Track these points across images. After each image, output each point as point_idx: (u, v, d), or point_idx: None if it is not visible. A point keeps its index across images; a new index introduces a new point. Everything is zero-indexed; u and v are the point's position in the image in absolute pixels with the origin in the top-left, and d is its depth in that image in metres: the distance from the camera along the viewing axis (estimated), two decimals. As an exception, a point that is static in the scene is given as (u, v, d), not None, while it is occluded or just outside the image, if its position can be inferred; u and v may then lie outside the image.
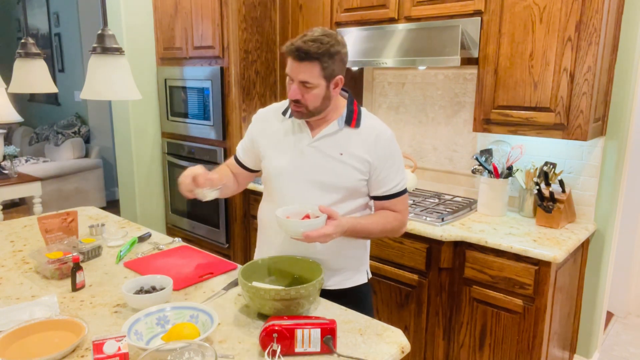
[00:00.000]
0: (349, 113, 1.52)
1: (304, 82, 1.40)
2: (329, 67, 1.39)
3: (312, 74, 1.39)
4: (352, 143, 1.50)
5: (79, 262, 1.58)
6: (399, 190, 1.54)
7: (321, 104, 1.45)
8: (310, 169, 1.51)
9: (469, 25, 2.32)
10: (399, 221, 1.55)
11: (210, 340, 1.26)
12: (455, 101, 2.76)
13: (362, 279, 1.65)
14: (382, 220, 1.53)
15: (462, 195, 2.77)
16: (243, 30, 3.06)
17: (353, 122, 1.51)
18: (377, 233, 1.53)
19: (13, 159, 4.05)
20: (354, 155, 1.49)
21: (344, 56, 1.43)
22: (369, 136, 1.50)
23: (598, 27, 1.99)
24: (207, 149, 3.31)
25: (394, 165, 1.52)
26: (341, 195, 1.50)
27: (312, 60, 1.37)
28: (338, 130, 1.50)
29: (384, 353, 1.22)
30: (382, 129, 1.52)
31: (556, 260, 1.97)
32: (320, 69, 1.38)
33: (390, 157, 1.51)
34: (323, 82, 1.41)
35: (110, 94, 1.56)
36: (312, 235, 1.32)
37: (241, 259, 3.24)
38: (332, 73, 1.41)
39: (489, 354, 2.22)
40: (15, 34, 7.01)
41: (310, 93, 1.42)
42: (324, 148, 1.50)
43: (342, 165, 1.49)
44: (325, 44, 1.36)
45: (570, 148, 2.41)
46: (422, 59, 2.32)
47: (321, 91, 1.42)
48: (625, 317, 3.28)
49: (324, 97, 1.44)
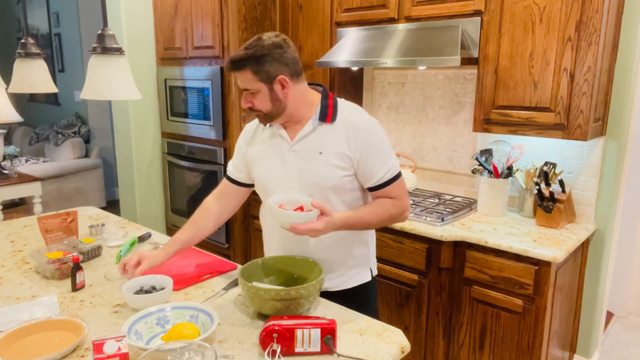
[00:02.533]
0: (323, 109, 1.49)
1: (244, 89, 1.44)
2: (260, 70, 1.40)
3: (247, 80, 1.42)
4: (330, 140, 1.47)
5: (79, 262, 1.58)
6: (390, 178, 1.49)
7: (274, 106, 1.45)
8: (294, 173, 1.50)
9: (469, 25, 2.32)
10: (398, 207, 1.52)
11: (210, 340, 1.26)
12: (455, 101, 2.76)
13: (366, 277, 1.64)
14: (379, 209, 1.50)
15: (462, 195, 2.77)
16: (243, 30, 3.06)
17: (328, 118, 1.48)
18: (375, 223, 1.50)
19: (13, 159, 4.05)
20: (333, 152, 1.46)
21: (278, 56, 1.41)
22: (345, 130, 1.47)
23: (598, 27, 1.99)
24: (207, 149, 3.31)
25: (378, 154, 1.47)
26: (326, 195, 1.48)
27: (242, 69, 1.41)
28: (313, 128, 1.48)
29: (384, 353, 1.22)
30: (358, 120, 1.48)
31: (556, 260, 1.97)
32: (252, 74, 1.40)
33: (372, 147, 1.47)
34: (262, 86, 1.42)
35: (110, 94, 1.56)
36: (300, 228, 1.32)
37: (241, 259, 3.24)
38: (269, 75, 1.41)
39: (489, 354, 2.23)
40: (15, 34, 7.01)
41: (256, 99, 1.44)
42: (303, 150, 1.49)
43: (322, 164, 1.47)
44: (250, 50, 1.39)
45: (570, 148, 2.41)
46: (422, 59, 2.32)
47: (265, 95, 1.43)
48: (625, 317, 3.28)
49: (272, 99, 1.44)
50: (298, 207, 1.40)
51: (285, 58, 1.42)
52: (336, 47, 2.74)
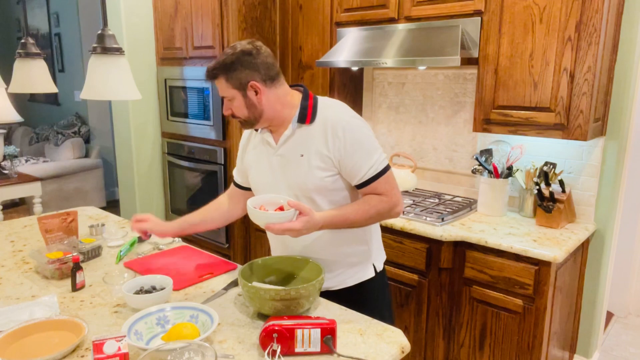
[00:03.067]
0: (302, 110, 1.49)
1: (223, 97, 1.48)
2: (232, 78, 1.43)
3: (222, 88, 1.46)
4: (310, 141, 1.47)
5: (79, 262, 1.58)
6: (374, 174, 1.46)
7: (250, 112, 1.47)
8: (280, 177, 1.52)
9: (469, 25, 2.32)
10: (386, 202, 1.48)
11: (210, 340, 1.26)
12: (455, 101, 2.76)
13: (368, 274, 1.63)
14: (365, 206, 1.47)
15: (462, 195, 2.77)
16: (243, 30, 3.06)
17: (307, 119, 1.48)
18: (362, 220, 1.48)
19: (13, 159, 4.05)
20: (314, 154, 1.46)
21: (247, 63, 1.42)
22: (324, 130, 1.46)
23: (598, 27, 1.99)
24: (207, 149, 3.31)
25: (359, 151, 1.44)
26: (312, 197, 1.48)
27: (215, 78, 1.46)
28: (293, 131, 1.49)
29: (384, 353, 1.22)
30: (336, 119, 1.46)
31: (556, 260, 1.97)
32: (225, 81, 1.44)
33: (352, 144, 1.44)
34: (236, 92, 1.45)
35: (110, 94, 1.56)
36: (275, 228, 1.32)
37: (241, 259, 3.24)
38: (241, 82, 1.43)
39: (489, 354, 2.23)
40: (15, 34, 7.01)
41: (233, 105, 1.47)
42: (286, 153, 1.50)
43: (303, 166, 1.47)
44: (220, 60, 1.44)
45: (570, 148, 2.41)
46: (422, 59, 2.32)
47: (240, 101, 1.46)
48: (625, 317, 3.28)
49: (247, 105, 1.46)
50: (278, 207, 1.41)
51: (256, 64, 1.44)
52: (336, 47, 2.74)
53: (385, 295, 1.72)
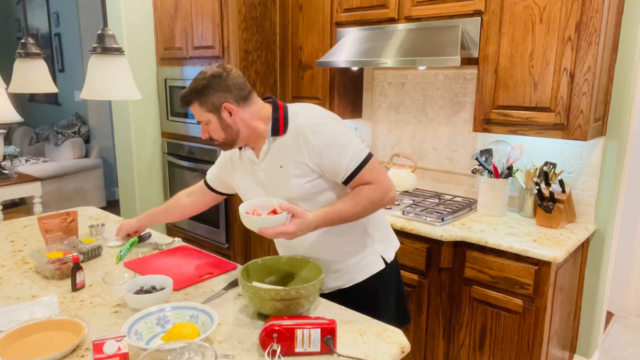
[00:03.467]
0: (274, 122, 1.50)
1: (199, 121, 1.51)
2: (205, 102, 1.46)
3: (197, 113, 1.49)
4: (285, 151, 1.49)
5: (79, 262, 1.58)
6: (356, 166, 1.45)
7: (226, 133, 1.50)
8: (268, 191, 1.54)
9: (469, 25, 2.32)
10: (377, 190, 1.46)
11: (210, 340, 1.26)
12: (455, 101, 2.76)
13: (378, 267, 1.61)
14: (356, 197, 1.46)
15: (462, 195, 2.77)
16: (243, 30, 3.06)
17: (280, 130, 1.49)
18: (357, 212, 1.47)
19: (13, 159, 4.05)
20: (291, 163, 1.48)
21: (217, 85, 1.45)
22: (295, 138, 1.47)
23: (598, 27, 1.99)
24: (207, 149, 3.31)
25: (333, 148, 1.44)
26: (299, 205, 1.48)
27: (189, 104, 1.49)
28: (270, 144, 1.51)
29: (384, 353, 1.22)
30: (304, 124, 1.46)
31: (556, 260, 1.97)
32: (199, 106, 1.47)
33: (325, 144, 1.44)
34: (211, 115, 1.48)
35: (110, 94, 1.56)
36: (268, 232, 1.34)
37: (241, 259, 3.24)
38: (214, 105, 1.46)
39: (489, 354, 2.23)
40: (15, 34, 7.01)
41: (210, 128, 1.50)
42: (268, 167, 1.52)
43: (284, 177, 1.49)
44: (192, 86, 1.46)
45: (570, 148, 2.41)
46: (422, 59, 2.32)
47: (216, 124, 1.49)
48: (625, 317, 3.28)
49: (223, 127, 1.49)
50: (271, 210, 1.41)
51: (227, 86, 1.46)
52: (336, 47, 2.74)
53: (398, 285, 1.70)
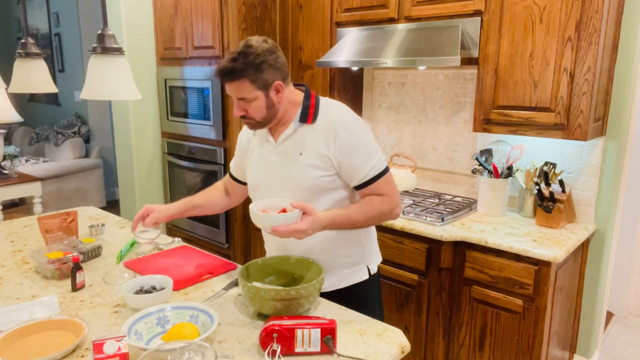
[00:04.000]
0: (304, 109, 1.48)
1: (240, 98, 1.42)
2: (258, 78, 1.38)
3: (244, 90, 1.39)
4: (310, 140, 1.47)
5: (79, 262, 1.58)
6: (375, 174, 1.46)
7: (268, 112, 1.45)
8: (278, 175, 1.51)
9: (469, 25, 2.32)
10: (387, 204, 1.48)
11: (210, 340, 1.26)
12: (455, 101, 2.76)
13: (362, 276, 1.62)
14: (366, 206, 1.46)
15: (462, 195, 2.77)
16: (243, 30, 3.06)
17: (309, 118, 1.47)
18: (364, 221, 1.47)
19: (13, 159, 4.05)
20: (313, 153, 1.46)
21: (273, 62, 1.40)
22: (325, 130, 1.46)
23: (598, 27, 1.99)
24: (207, 149, 3.31)
25: (360, 151, 1.44)
26: (306, 196, 1.47)
27: (239, 78, 1.38)
28: (295, 130, 1.48)
29: (384, 353, 1.22)
30: (338, 120, 1.46)
31: (556, 260, 1.97)
32: (249, 82, 1.38)
33: (353, 145, 1.44)
34: (260, 93, 1.40)
35: (110, 94, 1.56)
36: (281, 230, 1.30)
37: (241, 259, 3.24)
38: (266, 83, 1.40)
39: (489, 354, 2.23)
40: (15, 34, 7.01)
41: (251, 106, 1.42)
42: (286, 151, 1.50)
43: (301, 165, 1.47)
44: (248, 58, 1.36)
45: (570, 148, 2.41)
46: (422, 59, 2.32)
47: (262, 102, 1.42)
48: (625, 317, 3.28)
49: (267, 106, 1.43)
50: (281, 210, 1.39)
51: (279, 63, 1.42)
52: (336, 47, 2.74)
53: (378, 298, 1.71)
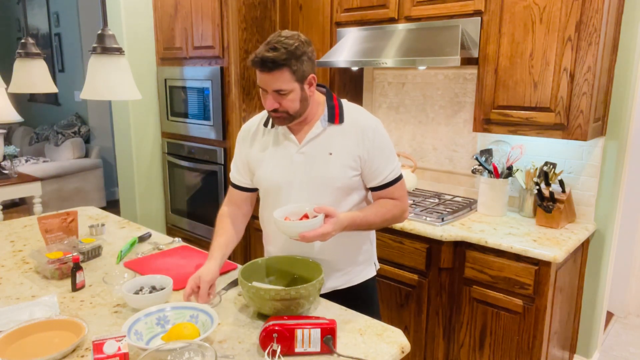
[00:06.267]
0: (330, 110, 1.49)
1: (277, 90, 1.38)
2: (298, 69, 1.36)
3: (283, 80, 1.36)
4: (340, 140, 1.48)
5: (79, 262, 1.58)
6: (393, 178, 1.51)
7: (300, 106, 1.43)
8: (303, 175, 1.49)
9: (469, 25, 2.32)
10: (399, 208, 1.53)
11: (210, 340, 1.26)
12: (455, 101, 2.76)
13: (371, 273, 1.66)
14: (382, 209, 1.51)
15: (462, 195, 2.77)
16: (243, 30, 3.06)
17: (336, 119, 1.49)
18: (379, 223, 1.51)
19: (13, 159, 4.05)
20: (344, 153, 1.47)
21: (310, 54, 1.40)
22: (355, 131, 1.48)
23: (598, 27, 1.99)
24: (207, 149, 3.31)
25: (384, 154, 1.50)
26: (336, 195, 1.49)
27: (280, 68, 1.34)
28: (323, 130, 1.48)
29: (384, 353, 1.22)
30: (367, 122, 1.50)
31: (556, 260, 1.97)
32: (290, 73, 1.36)
33: (379, 147, 1.49)
34: (297, 85, 1.38)
35: (110, 94, 1.56)
36: (309, 235, 1.31)
37: (241, 259, 3.24)
38: (303, 74, 1.39)
39: (489, 354, 2.22)
40: (15, 34, 7.01)
41: (286, 99, 1.39)
42: (313, 152, 1.49)
43: (332, 165, 1.47)
44: (289, 47, 1.33)
45: (570, 148, 2.41)
46: (422, 59, 2.32)
47: (297, 95, 1.40)
48: (625, 317, 3.28)
49: (301, 99, 1.41)
50: (303, 215, 1.39)
51: (314, 56, 1.43)
52: (336, 47, 2.74)
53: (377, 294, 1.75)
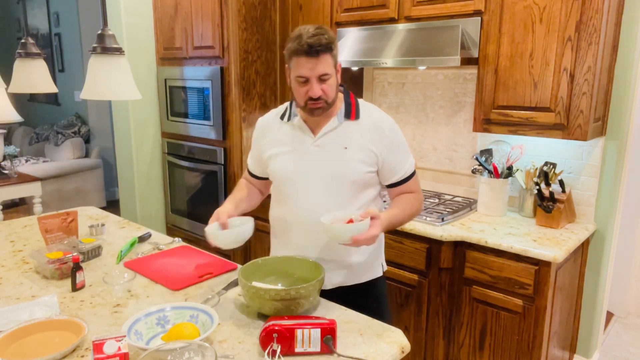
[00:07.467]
0: (347, 106, 1.54)
1: (322, 75, 1.43)
2: (335, 55, 1.45)
3: (328, 65, 1.43)
4: (355, 136, 1.51)
5: (79, 262, 1.58)
6: (409, 173, 1.58)
7: (335, 93, 1.49)
8: (317, 168, 1.52)
9: (469, 25, 2.32)
10: (419, 201, 1.61)
11: (210, 340, 1.26)
12: (455, 101, 2.76)
13: (378, 272, 1.68)
14: (407, 205, 1.56)
15: (462, 195, 2.77)
16: (243, 30, 3.06)
17: (352, 115, 1.53)
18: (406, 220, 1.56)
19: (13, 159, 4.05)
20: (359, 148, 1.50)
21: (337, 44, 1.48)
22: (371, 127, 1.52)
23: (598, 27, 1.99)
24: (207, 149, 3.31)
25: (401, 151, 1.56)
26: (349, 190, 1.51)
27: (326, 52, 1.41)
28: (339, 124, 1.52)
29: (384, 353, 1.22)
30: (383, 119, 1.55)
31: (556, 260, 1.97)
32: (331, 58, 1.44)
33: (396, 144, 1.55)
34: (334, 71, 1.46)
35: (110, 94, 1.56)
36: (362, 239, 1.33)
37: (241, 259, 3.24)
38: (336, 61, 1.47)
39: (489, 354, 2.22)
40: (15, 34, 7.01)
41: (327, 85, 1.44)
42: (328, 145, 1.52)
43: (347, 159, 1.50)
44: (328, 33, 1.42)
45: (570, 148, 2.41)
46: (422, 59, 2.32)
47: (334, 80, 1.47)
48: (625, 317, 3.28)
49: (336, 85, 1.49)
50: (348, 220, 1.41)
51: None
52: (336, 47, 2.73)
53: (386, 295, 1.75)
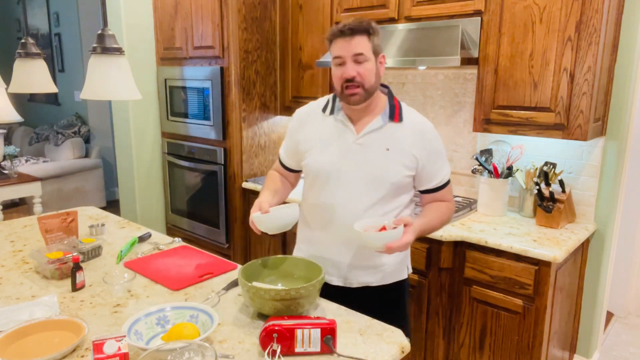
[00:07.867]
0: (391, 108, 1.55)
1: (357, 55, 1.44)
2: (374, 41, 1.46)
3: (364, 45, 1.44)
4: (398, 138, 1.52)
5: (79, 262, 1.58)
6: (446, 181, 1.60)
7: (374, 81, 1.48)
8: (357, 166, 1.52)
9: (469, 25, 2.32)
10: (450, 210, 1.62)
11: (210, 340, 1.26)
12: (455, 101, 2.76)
13: (403, 275, 1.68)
14: (439, 213, 1.57)
15: (462, 195, 2.77)
16: (243, 30, 3.06)
17: (396, 117, 1.54)
18: (437, 228, 1.58)
19: (13, 159, 4.05)
20: (401, 151, 1.51)
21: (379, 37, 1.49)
22: (414, 131, 1.53)
23: (598, 27, 1.99)
24: (207, 149, 3.31)
25: (440, 157, 1.57)
26: (387, 192, 1.51)
27: (361, 34, 1.43)
28: (382, 125, 1.52)
29: (384, 353, 1.22)
30: (426, 124, 1.56)
31: (556, 260, 1.97)
32: (368, 40, 1.44)
33: (437, 150, 1.56)
34: (373, 57, 1.46)
35: (110, 94, 1.56)
36: (395, 246, 1.34)
37: (241, 259, 3.24)
38: (377, 49, 1.47)
39: (489, 354, 2.22)
40: (15, 34, 7.01)
41: (363, 67, 1.45)
42: (370, 144, 1.52)
43: (388, 161, 1.51)
44: (367, 21, 1.45)
45: (570, 148, 2.41)
46: (422, 59, 2.32)
47: (372, 66, 1.46)
48: (625, 317, 3.28)
49: (375, 73, 1.48)
50: (381, 228, 1.40)
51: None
52: (336, 47, 2.73)
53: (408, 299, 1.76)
